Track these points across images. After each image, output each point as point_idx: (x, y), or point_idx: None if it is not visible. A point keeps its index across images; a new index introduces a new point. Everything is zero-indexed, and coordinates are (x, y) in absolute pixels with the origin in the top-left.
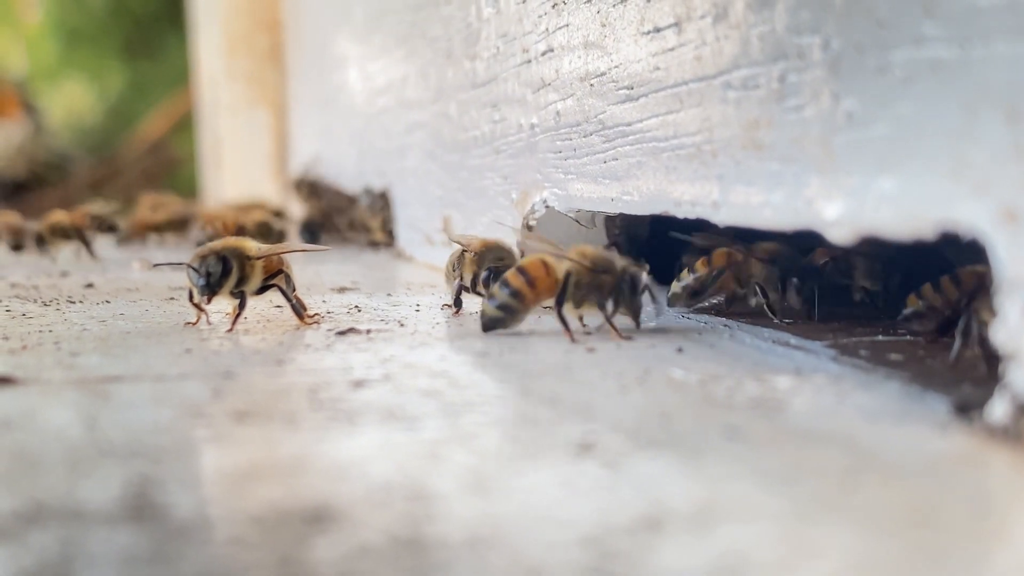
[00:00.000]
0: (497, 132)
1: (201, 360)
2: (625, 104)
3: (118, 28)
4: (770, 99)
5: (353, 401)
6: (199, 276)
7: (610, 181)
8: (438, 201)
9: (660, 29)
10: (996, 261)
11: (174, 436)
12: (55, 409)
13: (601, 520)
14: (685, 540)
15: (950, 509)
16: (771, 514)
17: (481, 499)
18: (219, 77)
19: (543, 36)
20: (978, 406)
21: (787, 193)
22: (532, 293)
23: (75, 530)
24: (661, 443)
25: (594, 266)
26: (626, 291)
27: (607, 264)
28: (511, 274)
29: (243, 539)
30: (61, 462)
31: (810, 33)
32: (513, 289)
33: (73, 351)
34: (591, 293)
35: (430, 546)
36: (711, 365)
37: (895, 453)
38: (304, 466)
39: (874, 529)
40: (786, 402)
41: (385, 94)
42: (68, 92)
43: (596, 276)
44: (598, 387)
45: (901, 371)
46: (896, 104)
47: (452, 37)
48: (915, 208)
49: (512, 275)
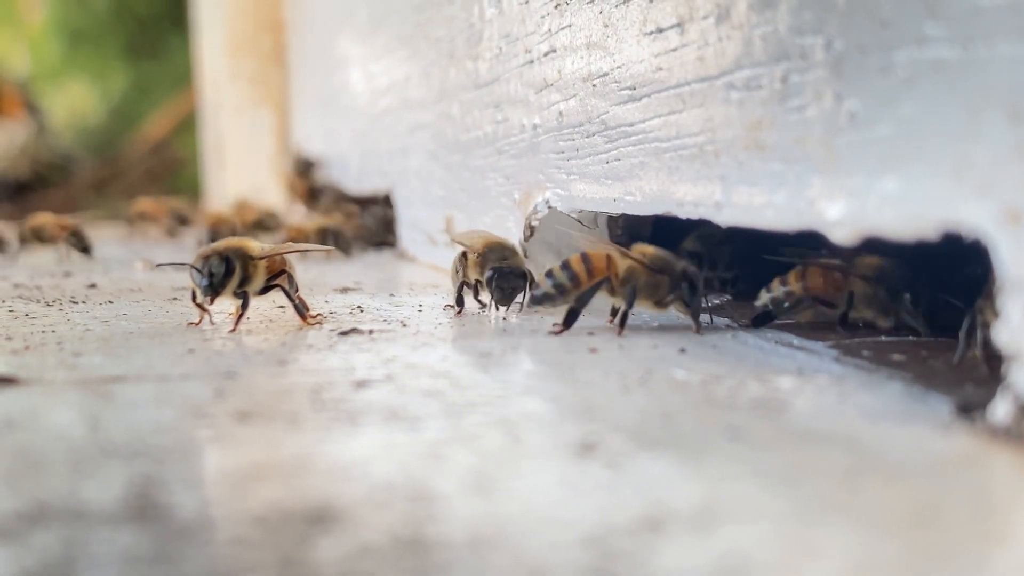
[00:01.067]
0: (500, 132)
1: (204, 360)
2: (628, 104)
3: (121, 28)
4: (772, 99)
5: (355, 401)
6: (202, 276)
7: (612, 181)
8: (440, 201)
9: (663, 29)
10: (999, 262)
11: (177, 436)
12: (58, 409)
13: (603, 520)
14: (687, 540)
15: (952, 510)
16: (773, 514)
17: (483, 499)
18: (222, 77)
19: (546, 36)
20: (980, 407)
21: (789, 193)
22: (589, 281)
23: (78, 530)
24: (663, 443)
25: (652, 265)
26: (686, 291)
27: (665, 264)
28: (575, 258)
29: (245, 539)
30: (64, 462)
31: (813, 33)
32: (572, 273)
33: (76, 351)
34: (648, 291)
35: (432, 546)
36: (713, 365)
37: (897, 453)
38: (306, 466)
39: (876, 529)
40: (788, 402)
41: (388, 94)
42: (71, 92)
43: (653, 276)
44: (600, 387)
45: (903, 372)
46: (899, 105)
47: (455, 37)
48: (918, 209)
49: (576, 260)
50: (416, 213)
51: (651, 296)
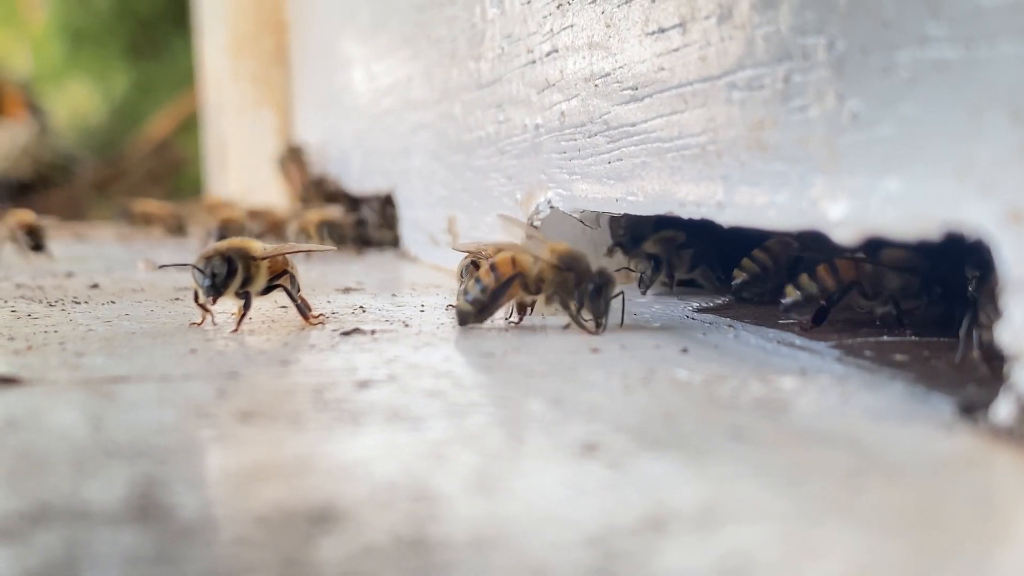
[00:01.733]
0: (502, 133)
1: (206, 360)
2: (630, 105)
3: (123, 29)
4: (775, 100)
5: (358, 401)
6: (204, 277)
7: (614, 181)
8: (443, 202)
9: (665, 30)
10: (1001, 262)
11: (179, 436)
12: (60, 409)
13: (605, 520)
14: (689, 540)
15: (954, 509)
16: (775, 514)
17: (485, 499)
18: (224, 78)
19: (548, 37)
20: (983, 407)
21: (792, 193)
22: (501, 289)
23: (80, 530)
24: (665, 443)
25: (560, 264)
26: (590, 293)
27: (575, 263)
28: (483, 270)
29: (248, 539)
30: (66, 462)
31: (815, 34)
32: (483, 285)
33: (78, 351)
34: (558, 291)
35: (434, 546)
36: (716, 366)
37: (900, 454)
38: (309, 466)
39: (878, 529)
40: (791, 403)
41: (390, 95)
42: (73, 93)
43: (562, 274)
44: (602, 388)
45: (906, 372)
46: (901, 105)
47: (457, 38)
48: (920, 209)
49: (484, 271)
50: (418, 213)
51: (563, 295)
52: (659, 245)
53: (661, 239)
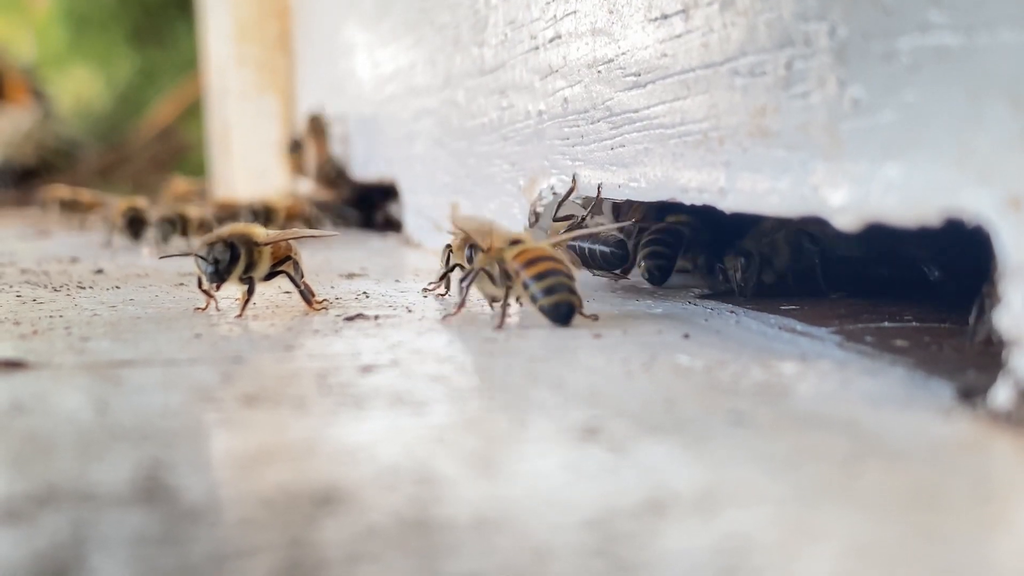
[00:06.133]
0: (505, 119)
1: (210, 345)
2: (632, 91)
3: (126, 15)
4: (777, 86)
5: (361, 386)
6: (207, 263)
7: (617, 168)
8: (446, 188)
9: (667, 16)
10: (1000, 248)
11: (184, 420)
12: (66, 393)
13: (606, 503)
14: (689, 523)
15: (953, 494)
16: (775, 498)
17: (488, 482)
18: (228, 64)
19: (551, 23)
20: (982, 392)
21: (793, 180)
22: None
23: (87, 512)
24: (666, 428)
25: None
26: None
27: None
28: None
29: (253, 521)
30: (73, 445)
31: (816, 20)
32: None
33: (84, 336)
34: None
35: (437, 528)
36: (717, 351)
37: (899, 438)
38: (313, 449)
39: (877, 513)
40: (791, 388)
41: (393, 81)
42: (76, 79)
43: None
44: (604, 372)
45: (906, 357)
46: (902, 91)
47: (460, 24)
48: (920, 195)
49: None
50: (421, 200)
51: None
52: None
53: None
